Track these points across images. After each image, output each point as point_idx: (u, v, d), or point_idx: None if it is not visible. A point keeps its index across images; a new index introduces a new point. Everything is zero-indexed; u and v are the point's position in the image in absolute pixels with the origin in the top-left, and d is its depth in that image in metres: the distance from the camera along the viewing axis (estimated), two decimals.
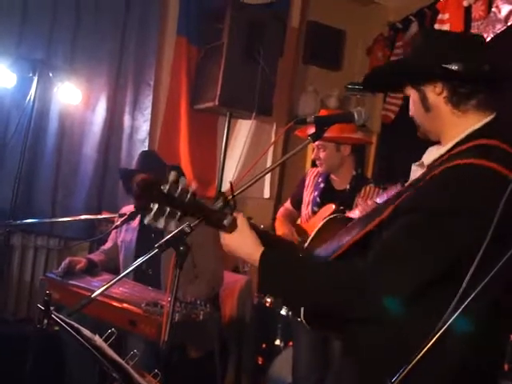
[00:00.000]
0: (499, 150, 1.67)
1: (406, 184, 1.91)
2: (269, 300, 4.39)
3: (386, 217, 1.73)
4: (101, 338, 1.78)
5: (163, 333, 1.98)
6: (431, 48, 1.84)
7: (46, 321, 1.60)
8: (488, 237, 1.31)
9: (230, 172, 5.10)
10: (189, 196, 1.76)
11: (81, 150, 4.63)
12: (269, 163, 5.25)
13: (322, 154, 3.60)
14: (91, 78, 4.55)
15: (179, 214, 1.77)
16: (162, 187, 1.71)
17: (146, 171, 3.64)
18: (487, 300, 1.52)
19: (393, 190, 3.11)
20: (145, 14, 4.80)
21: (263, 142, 5.39)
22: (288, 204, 4.04)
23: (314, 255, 1.94)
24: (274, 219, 5.49)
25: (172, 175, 1.72)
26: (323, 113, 3.70)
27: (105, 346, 1.57)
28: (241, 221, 1.90)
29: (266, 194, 5.44)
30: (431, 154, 1.87)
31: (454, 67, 1.74)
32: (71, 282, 3.39)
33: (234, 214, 1.88)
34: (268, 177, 5.35)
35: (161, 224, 1.75)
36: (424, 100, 1.83)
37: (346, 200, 3.53)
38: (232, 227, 1.88)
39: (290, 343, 4.06)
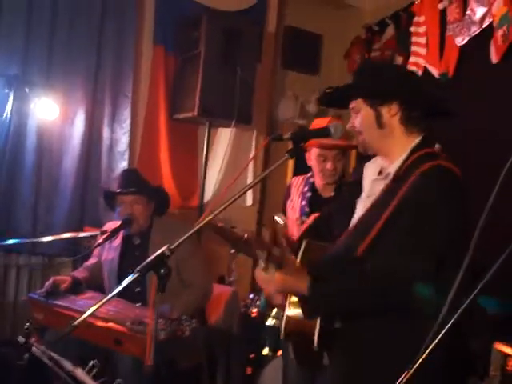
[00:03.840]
0: (439, 154, 2.08)
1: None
2: (255, 310, 4.37)
3: (389, 215, 1.97)
4: (85, 361, 1.76)
5: (147, 355, 1.96)
6: (392, 74, 2.22)
7: (26, 355, 1.57)
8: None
9: (212, 181, 5.09)
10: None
11: (60, 164, 4.59)
12: (250, 170, 5.27)
13: (338, 164, 3.51)
14: (68, 92, 4.50)
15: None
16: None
17: (128, 192, 3.64)
18: None
19: None
20: (120, 25, 4.76)
21: (244, 149, 5.38)
22: None
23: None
24: (257, 225, 5.50)
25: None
26: (317, 122, 3.65)
27: (87, 378, 1.55)
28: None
29: (249, 201, 5.42)
30: (385, 166, 2.18)
31: (412, 95, 2.13)
32: (55, 302, 3.33)
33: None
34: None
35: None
36: (379, 118, 2.12)
37: None
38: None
39: (279, 352, 4.04)
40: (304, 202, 3.61)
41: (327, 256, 2.17)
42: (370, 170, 2.27)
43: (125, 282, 1.96)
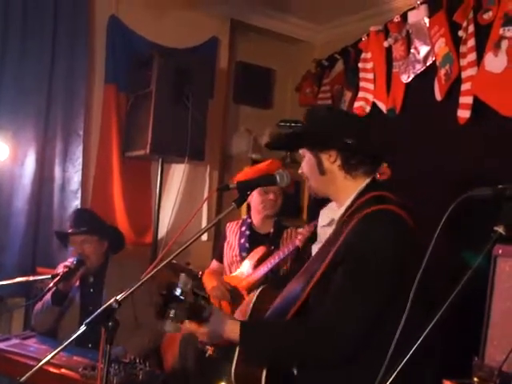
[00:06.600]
0: (388, 198, 2.07)
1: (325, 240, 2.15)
2: (210, 348, 4.35)
3: (324, 271, 1.97)
4: None
5: None
6: (331, 122, 2.21)
7: None
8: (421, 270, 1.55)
9: (166, 217, 5.09)
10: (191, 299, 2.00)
11: (11, 204, 4.52)
12: (205, 204, 5.30)
13: (279, 198, 3.78)
14: (18, 132, 4.46)
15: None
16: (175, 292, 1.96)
17: (77, 232, 3.65)
18: None
19: (306, 230, 3.26)
20: (71, 64, 4.74)
21: (197, 185, 5.42)
22: (213, 263, 4.14)
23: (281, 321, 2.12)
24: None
25: (181, 280, 1.99)
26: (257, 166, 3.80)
27: None
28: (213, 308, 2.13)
29: (204, 236, 5.42)
30: (334, 212, 2.18)
31: (349, 142, 2.11)
32: (6, 348, 3.27)
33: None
34: (205, 219, 5.35)
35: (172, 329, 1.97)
36: (319, 165, 2.15)
37: (272, 242, 3.77)
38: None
39: None
40: (243, 240, 3.84)
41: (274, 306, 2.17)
42: (322, 217, 2.26)
43: (74, 335, 1.96)
